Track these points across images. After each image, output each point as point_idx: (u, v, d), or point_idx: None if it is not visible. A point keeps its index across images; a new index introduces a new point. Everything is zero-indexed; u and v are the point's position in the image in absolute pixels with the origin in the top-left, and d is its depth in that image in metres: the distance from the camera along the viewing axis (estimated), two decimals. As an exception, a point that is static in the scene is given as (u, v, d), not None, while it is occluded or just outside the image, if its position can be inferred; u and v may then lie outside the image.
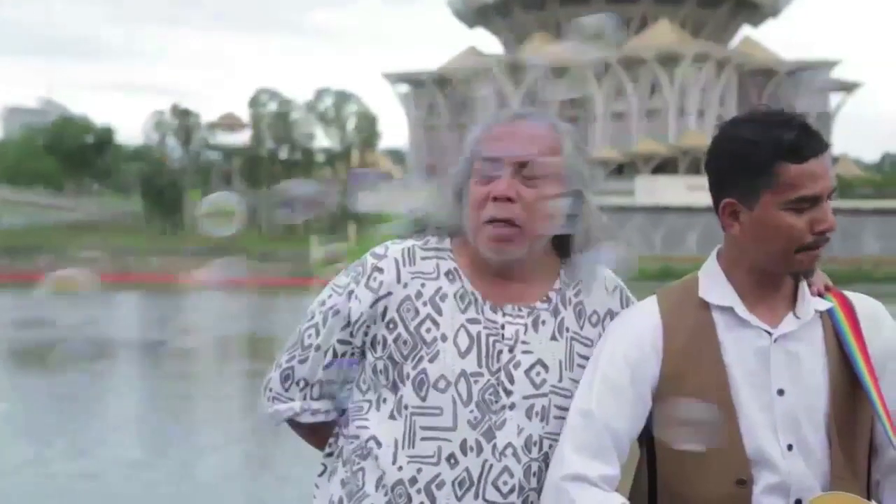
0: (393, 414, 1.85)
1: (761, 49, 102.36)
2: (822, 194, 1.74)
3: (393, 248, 1.92)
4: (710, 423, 1.72)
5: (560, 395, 1.85)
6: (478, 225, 1.84)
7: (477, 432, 1.81)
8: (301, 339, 1.95)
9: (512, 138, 1.84)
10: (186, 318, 29.80)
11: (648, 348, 1.80)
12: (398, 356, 1.85)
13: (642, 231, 72.07)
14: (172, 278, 55.91)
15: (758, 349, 1.76)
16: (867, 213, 76.59)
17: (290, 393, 1.96)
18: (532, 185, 1.82)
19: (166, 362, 19.27)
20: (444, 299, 1.87)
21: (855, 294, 1.86)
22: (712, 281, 1.82)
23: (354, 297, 1.89)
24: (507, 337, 1.86)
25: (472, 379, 1.83)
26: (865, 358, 1.76)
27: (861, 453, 1.78)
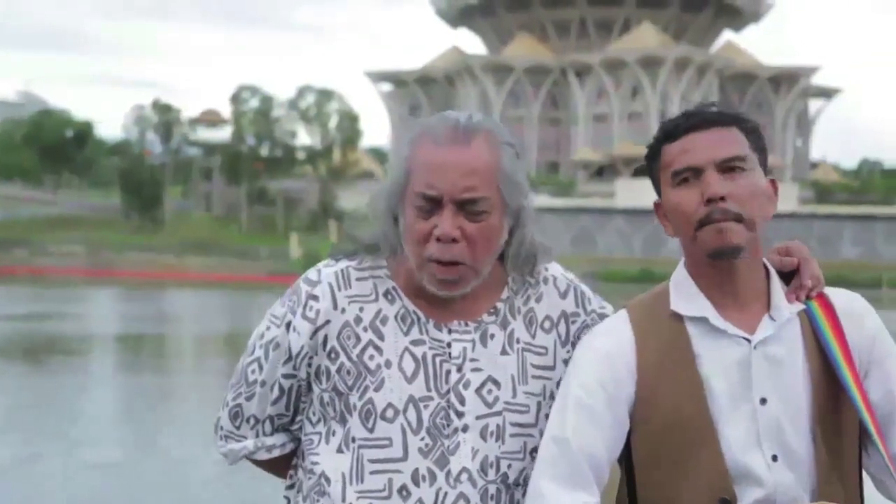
0: (341, 447, 1.76)
1: (742, 54, 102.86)
2: (700, 165, 1.68)
3: (326, 272, 1.81)
4: (690, 442, 1.67)
5: (515, 412, 1.76)
6: (421, 261, 1.72)
7: (429, 460, 1.72)
8: (245, 375, 1.85)
9: (452, 170, 1.68)
10: (165, 314, 29.66)
11: (622, 368, 1.72)
12: (343, 387, 1.75)
13: (622, 234, 72.24)
14: (151, 274, 55.68)
15: (737, 358, 1.69)
16: (845, 218, 77.08)
17: (241, 431, 1.87)
18: (477, 220, 1.70)
19: (144, 358, 19.16)
20: (385, 322, 1.77)
21: (833, 289, 1.79)
22: (682, 291, 1.75)
23: (293, 329, 1.78)
24: (455, 356, 1.76)
25: (421, 404, 1.73)
26: (847, 356, 1.71)
27: (849, 455, 1.72)
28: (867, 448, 1.73)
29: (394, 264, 1.80)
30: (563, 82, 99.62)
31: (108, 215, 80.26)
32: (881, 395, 1.73)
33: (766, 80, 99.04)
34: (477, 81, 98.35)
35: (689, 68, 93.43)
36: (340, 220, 65.58)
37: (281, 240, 69.34)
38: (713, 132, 1.71)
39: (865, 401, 1.70)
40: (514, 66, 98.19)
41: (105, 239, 68.50)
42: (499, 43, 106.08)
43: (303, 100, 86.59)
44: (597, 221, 74.14)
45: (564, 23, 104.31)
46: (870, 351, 1.74)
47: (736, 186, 1.68)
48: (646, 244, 65.55)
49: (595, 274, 48.15)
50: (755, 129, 1.75)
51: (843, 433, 1.71)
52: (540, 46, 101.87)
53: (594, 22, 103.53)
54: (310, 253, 53.76)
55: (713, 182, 1.67)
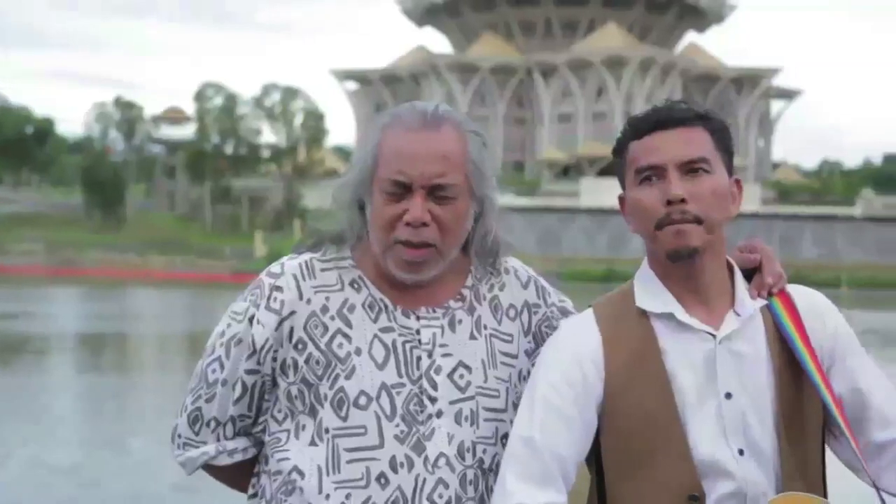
0: (314, 440, 1.73)
1: (706, 55, 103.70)
2: (663, 164, 1.69)
3: (289, 264, 1.79)
4: (658, 439, 1.68)
5: (487, 396, 1.77)
6: (388, 245, 1.73)
7: (406, 447, 1.71)
8: (204, 375, 1.81)
9: (422, 156, 1.70)
10: (128, 313, 29.39)
11: (589, 366, 1.72)
12: (312, 377, 1.73)
13: (587, 233, 72.57)
14: (114, 272, 55.14)
15: (703, 354, 1.70)
16: (806, 218, 77.97)
17: (201, 436, 1.83)
18: (445, 204, 1.72)
19: (107, 358, 18.98)
20: (353, 310, 1.76)
21: (794, 287, 1.81)
22: (647, 287, 1.76)
23: (256, 321, 1.76)
24: (425, 342, 1.76)
25: (393, 391, 1.73)
26: (809, 348, 1.72)
27: (812, 448, 1.74)
28: (837, 437, 1.75)
29: (359, 254, 1.80)
30: (528, 82, 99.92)
31: (69, 214, 79.41)
32: (847, 391, 1.75)
33: (728, 81, 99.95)
34: (443, 80, 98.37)
35: (654, 69, 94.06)
36: (305, 219, 65.34)
37: (245, 238, 68.98)
38: (679, 132, 1.71)
39: (831, 393, 1.72)
40: (479, 66, 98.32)
41: (67, 237, 67.77)
42: (464, 42, 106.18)
43: (268, 98, 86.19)
44: (561, 221, 74.44)
45: (530, 23, 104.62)
46: (832, 347, 1.77)
47: (697, 188, 1.69)
48: (610, 244, 65.92)
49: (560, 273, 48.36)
50: (722, 128, 1.76)
51: (807, 427, 1.73)
52: (505, 46, 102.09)
53: (560, 22, 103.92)
54: (274, 251, 53.49)
55: (674, 183, 1.69)
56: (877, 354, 21.08)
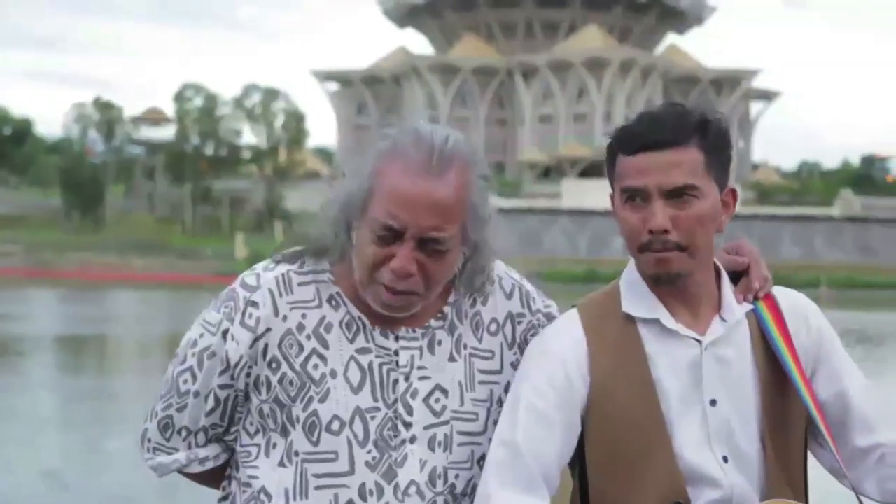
0: (283, 461, 1.68)
1: (686, 56, 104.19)
2: (649, 190, 1.64)
3: (265, 277, 1.72)
4: (643, 445, 1.66)
5: (462, 420, 1.72)
6: (369, 281, 1.65)
7: (376, 474, 1.66)
8: (176, 384, 1.75)
9: (420, 205, 1.60)
10: (107, 315, 29.22)
11: (574, 370, 1.69)
12: (285, 398, 1.68)
13: (568, 234, 72.69)
14: (93, 274, 54.82)
15: (688, 360, 1.68)
16: (785, 219, 78.43)
17: (172, 443, 1.78)
18: (435, 257, 1.63)
19: (86, 360, 18.86)
20: (330, 329, 1.70)
21: (779, 289, 1.78)
22: (634, 291, 1.73)
23: (231, 337, 1.69)
24: (402, 364, 1.70)
25: (367, 416, 1.67)
26: (793, 355, 1.71)
27: (795, 456, 1.72)
28: (820, 444, 1.74)
29: (338, 269, 1.73)
30: (509, 83, 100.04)
31: (48, 215, 78.86)
32: (830, 395, 1.74)
33: (708, 82, 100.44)
34: (424, 82, 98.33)
35: (634, 70, 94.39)
36: (286, 220, 65.17)
37: (226, 240, 68.71)
38: (669, 154, 1.65)
39: (814, 400, 1.71)
40: (460, 67, 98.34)
41: (45, 239, 67.31)
42: (445, 43, 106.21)
43: (248, 98, 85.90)
44: (543, 222, 74.51)
45: (511, 24, 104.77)
46: (816, 350, 1.76)
47: (682, 216, 1.65)
48: (591, 244, 66.05)
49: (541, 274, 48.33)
50: (718, 137, 1.69)
51: (791, 433, 1.72)
52: (486, 47, 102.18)
53: (540, 23, 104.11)
54: (255, 253, 53.30)
55: (658, 213, 1.64)
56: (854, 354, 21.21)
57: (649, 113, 1.70)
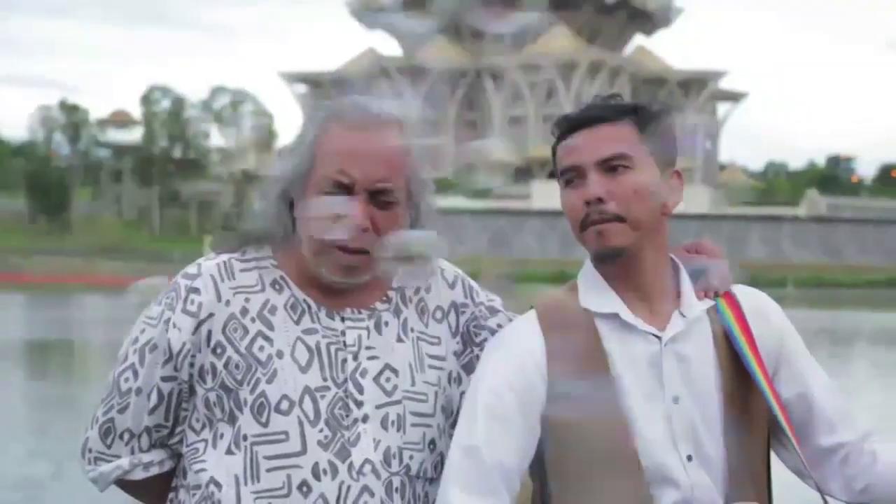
0: (230, 448, 1.64)
1: (653, 58, 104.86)
2: (582, 165, 1.66)
3: (206, 265, 1.70)
4: (605, 445, 1.63)
5: (414, 401, 1.69)
6: (321, 247, 1.64)
7: (329, 453, 1.63)
8: (117, 385, 1.71)
9: (367, 157, 1.63)
10: (74, 320, 28.94)
11: (533, 371, 1.66)
12: (231, 382, 1.64)
13: (538, 235, 72.93)
14: (59, 278, 54.28)
15: (648, 356, 1.66)
16: (752, 219, 79.13)
17: (114, 449, 1.72)
18: (386, 209, 1.64)
19: (53, 366, 18.67)
20: (274, 312, 1.67)
21: (739, 287, 1.76)
22: (591, 287, 1.71)
23: (172, 325, 1.67)
24: (350, 343, 1.68)
25: (317, 394, 1.64)
26: (755, 353, 1.69)
27: (758, 454, 1.70)
28: (783, 443, 1.73)
29: (281, 254, 1.71)
30: (478, 85, 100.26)
31: (13, 219, 78.03)
32: (793, 395, 1.73)
33: (676, 83, 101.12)
34: (393, 83, 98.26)
35: (603, 71, 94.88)
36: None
37: (195, 243, 68.28)
38: (600, 129, 1.67)
39: (777, 399, 1.69)
40: (429, 69, 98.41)
41: (11, 243, 66.59)
42: (414, 45, 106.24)
43: (216, 101, 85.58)
44: (513, 223, 74.72)
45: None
46: (778, 349, 1.74)
47: (617, 186, 1.65)
48: (562, 245, 66.28)
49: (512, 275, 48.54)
50: (655, 119, 1.71)
51: (754, 433, 1.70)
52: (455, 49, 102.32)
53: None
54: (224, 256, 52.92)
55: (591, 183, 1.65)
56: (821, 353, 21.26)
57: (592, 102, 1.75)
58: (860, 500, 1.71)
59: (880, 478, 1.69)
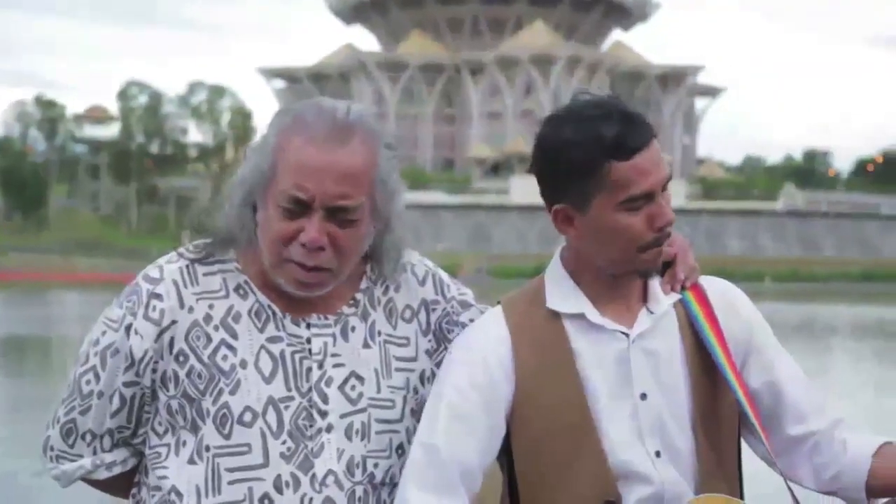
0: (193, 458, 1.62)
1: (631, 53, 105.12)
2: (655, 189, 1.61)
3: (169, 269, 1.67)
4: (571, 443, 1.62)
5: (380, 408, 1.67)
6: (279, 260, 1.61)
7: (292, 465, 1.61)
8: (78, 386, 1.68)
9: (326, 174, 1.57)
10: (51, 316, 28.75)
11: (497, 369, 1.64)
12: (194, 392, 1.62)
13: (517, 230, 73.04)
14: (36, 275, 53.88)
15: (616, 354, 1.65)
16: (730, 213, 79.52)
17: (76, 449, 1.70)
18: (346, 227, 1.59)
19: (29, 363, 18.55)
20: (238, 319, 1.64)
21: (706, 278, 1.74)
22: (559, 287, 1.69)
23: (134, 332, 1.64)
24: (315, 352, 1.65)
25: (281, 405, 1.62)
26: (722, 344, 1.68)
27: (728, 447, 1.70)
28: (753, 433, 1.73)
29: (245, 257, 1.67)
30: (457, 80, 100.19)
31: (-12, 215, 77.34)
32: (762, 385, 1.72)
33: (654, 78, 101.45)
34: (371, 78, 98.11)
35: (581, 66, 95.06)
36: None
37: (172, 239, 67.95)
38: (654, 147, 1.63)
39: (745, 390, 1.69)
40: (408, 64, 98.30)
41: (-14, 240, 66.00)
42: (393, 40, 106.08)
43: (194, 96, 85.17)
44: (492, 218, 74.80)
45: (457, 20, 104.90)
46: (747, 339, 1.74)
47: (668, 204, 1.65)
48: (541, 240, 66.42)
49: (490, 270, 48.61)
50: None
51: (723, 425, 1.70)
52: (434, 44, 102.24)
53: (487, 20, 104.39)
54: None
55: (667, 208, 1.63)
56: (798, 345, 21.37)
57: (603, 107, 1.64)
58: (830, 488, 1.71)
59: (849, 466, 1.69)
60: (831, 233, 78.34)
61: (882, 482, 1.67)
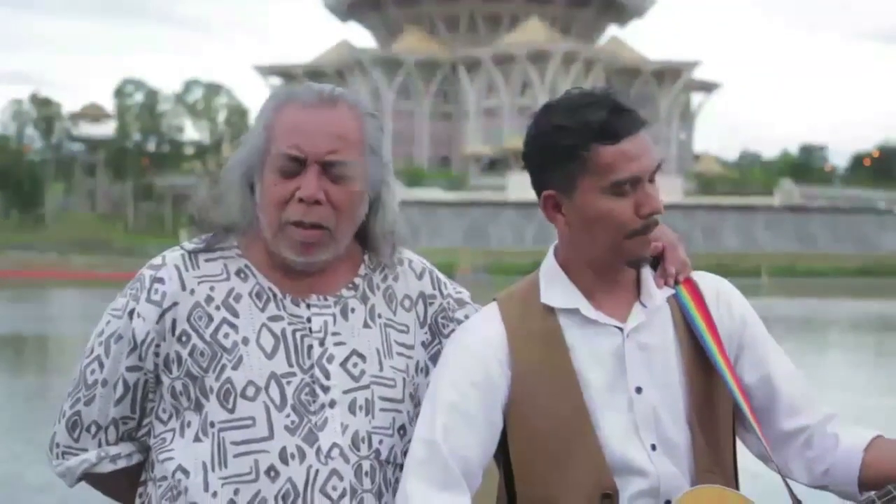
0: (198, 436, 1.64)
1: (627, 49, 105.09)
2: (642, 175, 1.63)
3: (171, 255, 1.72)
4: (567, 438, 1.64)
5: (382, 385, 1.69)
6: (279, 225, 1.65)
7: (297, 437, 1.63)
8: (83, 377, 1.71)
9: (318, 131, 1.65)
10: (48, 315, 28.73)
11: (494, 365, 1.66)
12: (197, 370, 1.65)
13: (514, 227, 73.02)
14: (33, 273, 53.84)
15: (611, 348, 1.66)
16: (727, 209, 79.55)
17: (81, 442, 1.72)
18: (341, 184, 1.65)
19: (27, 361, 18.54)
20: (239, 300, 1.68)
21: (699, 273, 1.76)
22: (553, 282, 1.70)
23: (136, 315, 1.68)
24: (316, 330, 1.68)
25: (283, 380, 1.65)
26: (716, 339, 1.69)
27: (724, 440, 1.71)
28: (747, 428, 1.74)
29: (246, 242, 1.72)
30: (453, 77, 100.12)
31: (-15, 214, 77.26)
32: (755, 379, 1.73)
33: (650, 74, 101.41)
34: (367, 75, 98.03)
35: (577, 62, 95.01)
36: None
37: (170, 237, 67.92)
38: (641, 136, 1.64)
39: (739, 384, 1.70)
40: (404, 61, 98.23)
41: (-17, 238, 65.93)
42: (388, 37, 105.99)
43: (190, 94, 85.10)
44: (489, 215, 74.78)
45: (453, 17, 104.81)
46: (740, 334, 1.75)
47: (657, 194, 1.66)
48: (538, 236, 66.44)
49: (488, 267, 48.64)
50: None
51: (718, 418, 1.71)
52: (429, 41, 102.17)
53: (483, 16, 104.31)
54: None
55: (654, 196, 1.64)
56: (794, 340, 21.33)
57: (594, 95, 1.66)
58: (822, 482, 1.72)
59: (842, 460, 1.70)
60: (828, 228, 78.41)
61: (874, 475, 1.68)
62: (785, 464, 1.73)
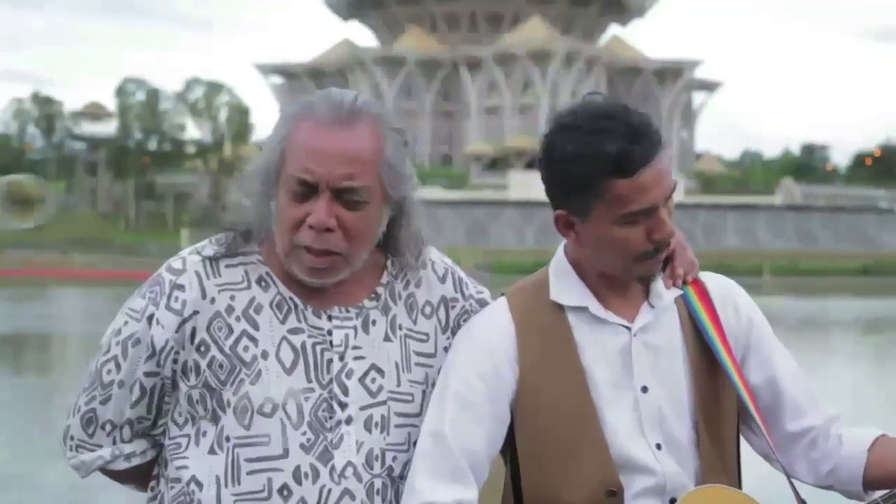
0: (213, 448, 1.64)
1: (629, 48, 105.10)
2: (656, 204, 1.62)
3: (191, 260, 1.68)
4: (573, 434, 1.65)
5: (400, 401, 1.69)
6: (290, 247, 1.63)
7: (311, 456, 1.62)
8: (99, 376, 1.69)
9: (332, 156, 1.60)
10: (50, 313, 28.74)
11: (502, 359, 1.68)
12: (215, 382, 1.63)
13: (515, 225, 73.00)
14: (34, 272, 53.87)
15: (618, 347, 1.68)
16: (728, 208, 79.51)
17: (95, 439, 1.71)
18: (354, 209, 1.61)
19: (28, 359, 18.54)
20: (260, 310, 1.66)
21: (706, 274, 1.77)
22: (563, 280, 1.72)
23: (156, 322, 1.65)
24: (336, 344, 1.67)
25: (301, 397, 1.63)
26: (723, 339, 1.71)
27: (728, 440, 1.72)
28: (752, 429, 1.75)
29: (267, 249, 1.69)
30: (454, 75, 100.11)
31: (-14, 212, 77.24)
32: (761, 380, 1.74)
33: (651, 73, 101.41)
34: (369, 74, 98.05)
35: (578, 62, 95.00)
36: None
37: (171, 236, 67.98)
38: (659, 161, 1.63)
39: (745, 385, 1.71)
40: (405, 59, 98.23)
41: (-16, 237, 65.96)
42: (390, 36, 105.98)
43: (191, 93, 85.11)
44: (490, 214, 74.75)
45: (454, 16, 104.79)
46: (747, 335, 1.76)
47: (669, 217, 1.65)
48: (539, 235, 66.41)
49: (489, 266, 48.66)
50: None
51: (724, 418, 1.72)
52: (431, 39, 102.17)
53: (484, 15, 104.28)
54: (201, 249, 52.59)
55: (667, 222, 1.64)
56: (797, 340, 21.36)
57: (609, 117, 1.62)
58: (826, 482, 1.73)
59: (846, 460, 1.71)
60: (829, 227, 78.36)
61: (878, 475, 1.69)
62: (790, 464, 1.74)
